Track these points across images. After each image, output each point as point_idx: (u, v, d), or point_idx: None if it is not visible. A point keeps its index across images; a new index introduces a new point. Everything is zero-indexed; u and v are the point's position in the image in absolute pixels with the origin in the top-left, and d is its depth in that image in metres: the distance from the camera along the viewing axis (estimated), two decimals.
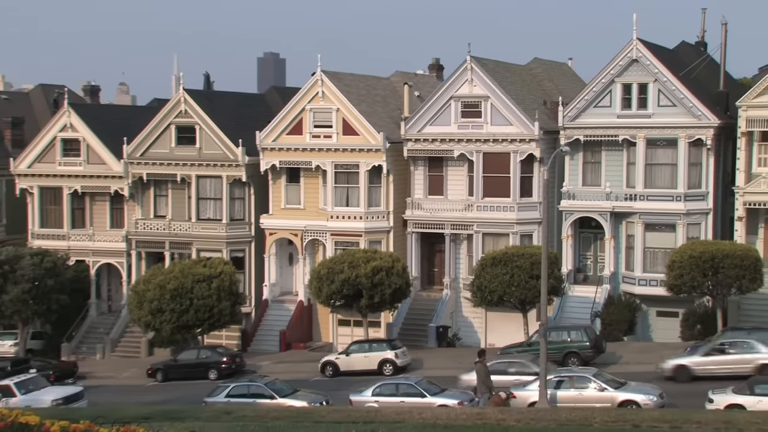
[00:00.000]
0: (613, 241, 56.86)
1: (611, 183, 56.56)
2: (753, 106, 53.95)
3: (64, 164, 67.07)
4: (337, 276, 53.30)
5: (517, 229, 57.55)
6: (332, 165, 60.47)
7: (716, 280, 49.82)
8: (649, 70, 55.45)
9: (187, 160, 63.73)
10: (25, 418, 14.30)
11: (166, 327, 54.41)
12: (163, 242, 64.13)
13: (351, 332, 58.43)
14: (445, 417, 29.69)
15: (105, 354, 62.82)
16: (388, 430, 24.12)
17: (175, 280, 54.05)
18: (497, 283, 52.10)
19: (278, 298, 62.75)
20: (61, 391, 46.00)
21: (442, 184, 60.12)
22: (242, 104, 69.20)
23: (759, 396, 35.72)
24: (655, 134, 55.59)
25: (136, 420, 20.96)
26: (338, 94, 60.33)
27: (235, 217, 63.62)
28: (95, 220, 67.38)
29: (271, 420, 26.36)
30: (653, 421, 26.36)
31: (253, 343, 60.68)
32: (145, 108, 79.85)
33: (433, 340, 56.93)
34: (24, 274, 59.72)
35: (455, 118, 58.84)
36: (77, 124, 66.92)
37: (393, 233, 60.34)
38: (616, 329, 54.37)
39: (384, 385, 41.19)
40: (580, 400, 37.06)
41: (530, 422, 26.34)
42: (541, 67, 69.81)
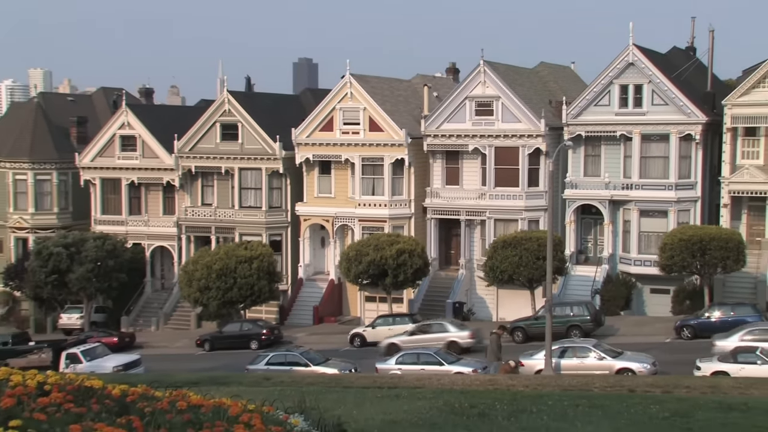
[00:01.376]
0: (611, 225, 56.69)
1: (610, 174, 56.37)
2: (737, 104, 53.77)
3: (122, 158, 67.39)
4: (364, 257, 53.41)
5: (525, 216, 57.45)
6: (360, 158, 60.48)
7: (704, 261, 49.76)
8: (644, 72, 55.23)
9: (230, 154, 63.89)
10: (89, 382, 14.32)
11: (212, 303, 54.75)
12: (209, 227, 64.37)
13: (376, 307, 58.51)
14: (461, 383, 29.67)
15: (159, 326, 63.21)
16: (409, 395, 24.11)
17: (220, 261, 54.29)
18: (507, 263, 52.12)
19: (312, 277, 62.91)
20: (122, 358, 46.41)
21: (458, 175, 60.03)
22: (279, 104, 69.29)
23: (741, 364, 35.78)
24: (649, 130, 55.39)
25: (186, 385, 21.00)
26: (365, 95, 60.29)
27: (273, 205, 63.77)
28: (150, 207, 67.73)
29: (306, 385, 26.39)
30: (647, 387, 26.26)
31: (289, 317, 60.92)
32: (193, 108, 79.98)
33: (449, 315, 56.89)
34: (88, 255, 60.18)
35: (470, 116, 58.73)
36: (134, 122, 67.23)
37: (414, 219, 60.35)
38: (613, 305, 54.32)
39: (406, 355, 41.21)
40: (581, 368, 37.05)
41: (537, 388, 26.29)
42: (546, 70, 69.62)
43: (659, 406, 21.24)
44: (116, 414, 12.75)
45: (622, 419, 19.69)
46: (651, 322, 52.01)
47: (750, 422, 19.38)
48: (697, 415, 20.04)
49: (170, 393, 14.33)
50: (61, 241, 61.78)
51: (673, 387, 26.26)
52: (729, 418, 19.84)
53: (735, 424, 19.10)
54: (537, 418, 19.46)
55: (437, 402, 21.94)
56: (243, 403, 14.46)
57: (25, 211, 71.94)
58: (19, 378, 13.87)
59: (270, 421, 13.44)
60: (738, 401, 22.49)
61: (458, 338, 47.07)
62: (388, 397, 23.57)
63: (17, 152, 72.32)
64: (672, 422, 19.38)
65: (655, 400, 22.48)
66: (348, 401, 21.55)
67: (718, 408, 21.19)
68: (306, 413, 14.93)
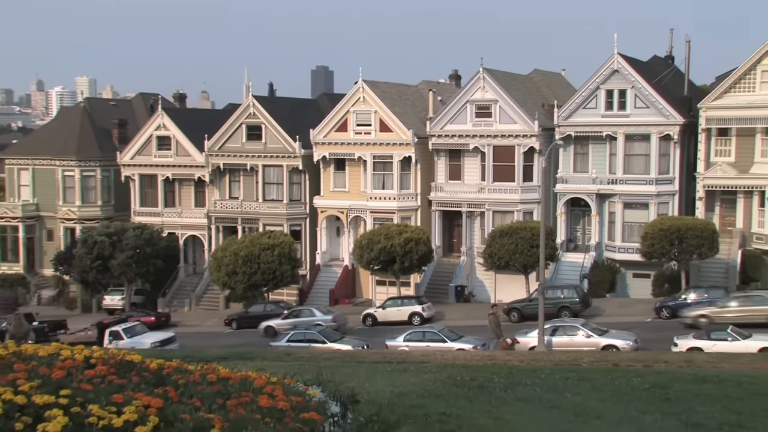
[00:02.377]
0: (598, 217, 56.63)
1: (596, 170, 56.30)
2: (711, 107, 53.66)
3: (159, 156, 67.56)
4: (375, 245, 53.42)
5: (521, 208, 57.42)
6: (371, 156, 60.51)
7: (681, 248, 49.69)
8: (627, 78, 55.10)
9: (255, 152, 63.97)
10: (130, 357, 14.39)
11: (239, 286, 54.83)
12: (236, 218, 64.49)
13: (386, 290, 58.56)
14: (462, 358, 29.73)
15: (191, 307, 63.41)
16: (416, 369, 24.15)
17: (246, 249, 54.38)
18: (504, 251, 52.09)
19: (328, 263, 63.00)
20: (158, 335, 46.54)
21: (460, 172, 60.00)
22: (298, 107, 69.31)
23: (714, 340, 35.85)
24: (632, 131, 55.31)
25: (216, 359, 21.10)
26: (376, 99, 60.27)
27: (293, 198, 63.83)
28: (183, 200, 67.92)
29: (323, 360, 26.46)
30: (629, 361, 26.27)
31: (308, 299, 60.94)
32: (221, 111, 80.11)
33: (452, 297, 56.98)
34: (128, 243, 60.38)
35: (470, 118, 58.67)
36: (168, 124, 67.37)
37: (420, 211, 60.36)
38: (600, 288, 54.26)
39: (413, 333, 41.28)
40: (571, 345, 37.10)
41: (531, 363, 26.33)
42: (539, 76, 69.49)
43: (640, 379, 21.25)
44: (153, 385, 12.83)
45: (608, 391, 19.71)
46: (633, 303, 51.94)
47: (722, 392, 19.38)
48: (674, 387, 20.06)
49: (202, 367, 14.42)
50: (104, 231, 62.03)
51: (653, 362, 26.26)
52: (703, 389, 19.85)
53: (708, 395, 19.11)
54: (531, 390, 19.49)
55: (441, 375, 21.98)
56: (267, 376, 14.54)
57: (73, 204, 72.27)
58: (68, 352, 13.97)
59: (291, 392, 13.51)
60: (711, 374, 22.50)
61: (322, 321, 48.08)
62: (397, 371, 23.62)
63: (66, 151, 72.66)
64: (652, 393, 19.40)
65: (637, 374, 22.49)
66: (360, 375, 21.60)
67: (693, 380, 21.20)
68: (323, 385, 14.98)
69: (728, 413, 17.12)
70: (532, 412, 16.79)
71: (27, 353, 13.81)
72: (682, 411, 17.40)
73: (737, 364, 25.60)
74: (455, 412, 15.75)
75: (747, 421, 16.47)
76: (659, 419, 16.53)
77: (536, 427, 14.94)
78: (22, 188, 74.68)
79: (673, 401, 18.49)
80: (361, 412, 13.82)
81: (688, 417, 16.79)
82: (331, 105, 65.72)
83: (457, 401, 17.55)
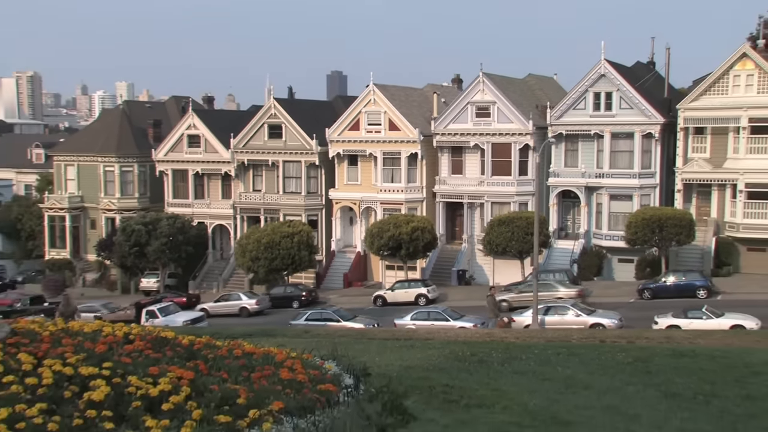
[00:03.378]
0: (587, 207, 56.54)
1: (585, 165, 56.16)
2: (688, 108, 53.51)
3: (189, 153, 67.66)
4: (384, 233, 53.46)
5: (516, 199, 57.33)
6: (381, 152, 60.47)
7: (661, 236, 49.64)
8: (613, 82, 54.92)
9: (276, 149, 64.00)
10: (164, 334, 14.48)
11: (261, 270, 54.97)
12: (259, 209, 64.59)
13: (395, 274, 58.57)
14: (463, 335, 29.75)
15: (219, 289, 63.51)
16: (422, 345, 24.19)
17: (268, 236, 54.50)
18: (502, 238, 52.08)
19: (342, 249, 63.06)
20: (189, 314, 46.77)
21: (462, 166, 59.92)
22: (315, 108, 69.31)
23: (690, 319, 35.89)
24: (618, 129, 55.14)
25: (241, 336, 21.17)
26: (385, 101, 60.20)
27: (310, 191, 63.88)
28: (211, 193, 68.01)
29: (338, 337, 26.52)
30: (615, 338, 26.25)
31: (324, 282, 61.11)
32: (246, 112, 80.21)
33: (454, 280, 57.01)
34: (162, 231, 60.60)
35: (471, 117, 58.57)
36: (198, 124, 67.44)
37: (425, 202, 60.31)
38: (588, 272, 54.23)
39: (419, 312, 41.32)
40: (562, 323, 37.08)
41: (525, 339, 26.33)
42: (534, 80, 69.28)
43: (624, 354, 21.25)
44: (185, 359, 12.91)
45: (595, 364, 19.72)
46: (618, 285, 51.86)
47: (697, 366, 19.38)
48: (654, 361, 20.06)
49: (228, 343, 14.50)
50: (141, 220, 62.25)
51: (636, 338, 26.25)
52: (680, 363, 19.85)
53: (685, 368, 19.12)
54: (526, 364, 19.52)
55: (444, 351, 22.02)
56: (287, 352, 14.60)
57: (113, 196, 72.51)
58: (109, 329, 14.06)
59: (309, 366, 13.57)
60: (687, 349, 22.48)
61: (247, 305, 50.95)
62: (405, 347, 23.67)
63: (107, 149, 72.92)
64: (635, 366, 19.40)
65: (621, 349, 22.49)
66: (371, 350, 21.65)
67: (671, 355, 21.19)
68: (337, 360, 15.04)
69: (702, 384, 17.14)
70: (527, 384, 16.83)
71: (73, 330, 13.92)
72: (662, 382, 17.43)
73: (711, 340, 25.57)
74: (457, 384, 15.79)
75: (719, 390, 16.50)
76: (641, 390, 16.56)
77: (530, 397, 14.97)
78: (68, 182, 74.93)
79: (654, 374, 18.50)
80: (372, 383, 13.87)
81: (667, 388, 16.82)
82: (345, 106, 65.71)
83: (459, 374, 17.60)
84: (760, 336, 27.87)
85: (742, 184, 52.14)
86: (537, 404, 14.21)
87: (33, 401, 10.22)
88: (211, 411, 10.62)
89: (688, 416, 14.05)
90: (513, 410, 13.55)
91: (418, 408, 13.01)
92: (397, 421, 12.01)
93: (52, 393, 10.64)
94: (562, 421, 12.86)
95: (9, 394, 10.25)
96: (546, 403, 14.44)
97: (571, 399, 15.14)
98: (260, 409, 10.82)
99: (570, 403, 14.71)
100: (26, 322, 14.56)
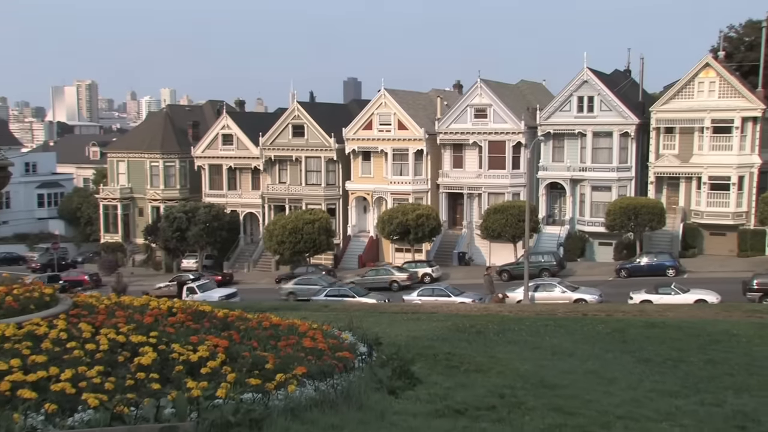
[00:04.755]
0: (571, 197, 56.33)
1: (570, 160, 55.94)
2: (660, 111, 53.35)
3: (223, 150, 67.65)
4: (394, 220, 53.48)
5: (510, 190, 57.16)
6: (391, 149, 60.35)
7: (636, 222, 49.61)
8: (594, 88, 54.67)
9: (298, 146, 63.97)
10: (202, 307, 14.56)
11: (286, 252, 55.00)
12: (284, 198, 64.62)
13: (403, 256, 58.50)
14: (463, 309, 29.82)
15: (249, 269, 63.68)
16: (427, 318, 24.26)
17: (292, 223, 54.53)
18: (497, 224, 52.01)
19: (357, 234, 63.05)
20: (224, 291, 46.76)
21: (462, 161, 59.69)
22: (333, 111, 69.17)
23: (661, 294, 35.88)
24: (598, 129, 54.89)
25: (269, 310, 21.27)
26: (395, 104, 60.04)
27: (329, 183, 63.82)
28: (242, 184, 68.03)
29: (354, 311, 26.62)
30: (595, 311, 26.29)
31: (341, 263, 61.14)
32: (272, 113, 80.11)
33: (455, 261, 57.00)
34: (200, 218, 60.74)
35: (470, 118, 58.36)
36: (231, 124, 67.42)
37: (430, 193, 60.20)
38: (572, 254, 54.14)
39: (425, 289, 41.45)
40: (549, 299, 37.11)
41: (518, 313, 26.38)
42: (525, 85, 68.95)
43: (604, 325, 21.27)
44: (221, 329, 13.01)
45: (578, 334, 19.74)
46: (598, 266, 51.79)
47: (666, 335, 19.42)
48: (629, 331, 20.08)
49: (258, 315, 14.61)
50: (181, 209, 62.38)
51: (614, 311, 26.26)
52: (651, 333, 19.88)
53: (656, 337, 19.15)
54: (518, 334, 19.56)
55: (447, 323, 22.08)
56: (309, 323, 14.66)
57: (158, 188, 72.75)
58: (155, 303, 14.18)
59: (328, 336, 13.65)
60: (658, 321, 22.50)
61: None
62: (412, 320, 23.74)
63: (152, 147, 73.10)
64: (613, 336, 19.43)
65: (601, 321, 22.51)
66: (383, 323, 21.72)
67: (644, 326, 21.21)
68: (353, 330, 15.11)
69: (671, 350, 17.19)
70: (519, 352, 16.86)
71: (125, 303, 14.05)
72: (636, 349, 17.46)
73: (678, 313, 25.58)
74: (458, 352, 15.84)
75: (685, 356, 16.57)
76: (618, 356, 16.59)
77: (521, 363, 15.00)
78: (119, 176, 75.10)
79: (629, 342, 18.52)
80: (383, 351, 13.94)
81: (641, 354, 16.86)
82: (359, 108, 65.56)
83: (459, 343, 17.65)
84: (720, 309, 27.93)
85: (705, 177, 52.05)
86: (527, 369, 14.26)
87: (92, 364, 10.36)
88: (243, 375, 10.71)
89: (658, 378, 14.11)
90: (506, 375, 13.60)
91: (423, 373, 13.08)
92: (405, 384, 12.07)
93: (107, 357, 10.76)
94: (550, 384, 12.91)
95: (72, 358, 10.45)
96: (535, 368, 14.49)
97: (557, 365, 15.18)
98: (286, 373, 10.90)
99: (556, 368, 14.75)
100: (85, 297, 14.70)
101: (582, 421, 10.42)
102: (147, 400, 9.69)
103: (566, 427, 10.19)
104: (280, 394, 10.36)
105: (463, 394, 11.83)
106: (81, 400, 9.54)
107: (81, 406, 9.43)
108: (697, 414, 11.15)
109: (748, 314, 25.15)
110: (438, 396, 11.64)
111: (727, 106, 51.20)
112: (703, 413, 11.20)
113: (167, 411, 9.46)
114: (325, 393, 10.67)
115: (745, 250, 50.78)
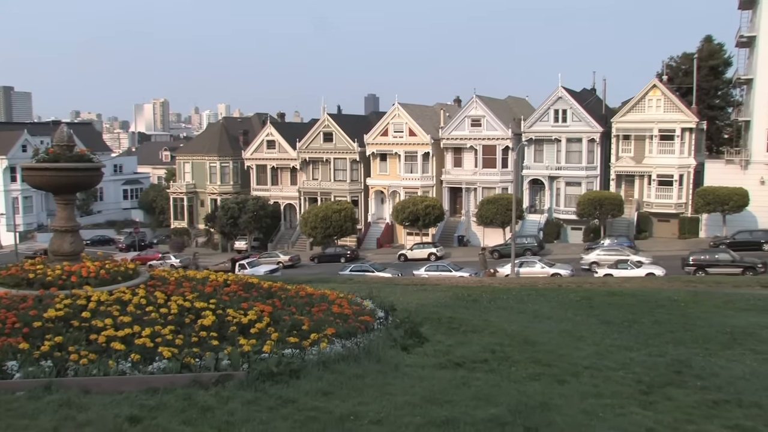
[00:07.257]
0: (549, 191, 56.00)
1: (548, 161, 55.59)
2: (619, 122, 53.05)
3: (267, 153, 67.66)
4: (406, 209, 53.43)
5: (500, 185, 56.87)
6: (403, 152, 60.18)
7: (601, 211, 49.53)
8: (567, 102, 54.30)
9: (328, 150, 63.95)
10: (251, 280, 14.64)
11: (318, 236, 55.16)
12: (316, 192, 64.67)
13: (413, 238, 58.49)
14: (462, 282, 29.83)
15: (288, 249, 63.92)
16: (432, 289, 24.29)
17: (323, 212, 54.68)
18: (489, 213, 51.77)
19: (376, 221, 62.99)
20: (268, 267, 47.01)
21: (461, 162, 59.42)
22: (356, 121, 68.98)
23: (620, 269, 35.65)
24: (571, 136, 54.53)
25: (305, 282, 21.40)
26: (406, 115, 59.85)
27: (353, 179, 63.69)
28: (282, 181, 68.03)
29: (373, 283, 26.70)
30: (568, 283, 26.20)
31: (363, 244, 61.07)
32: (307, 123, 79.97)
33: (456, 243, 56.89)
34: (249, 208, 60.98)
35: (467, 127, 58.08)
36: (273, 132, 67.43)
37: (435, 187, 60.00)
38: (550, 237, 53.80)
39: (430, 266, 41.47)
40: (531, 273, 37.01)
41: (506, 285, 26.34)
42: (512, 100, 68.39)
43: (575, 294, 21.20)
44: (266, 297, 13.11)
45: (555, 302, 19.69)
46: (571, 247, 51.43)
47: (624, 302, 19.36)
48: (595, 299, 20.01)
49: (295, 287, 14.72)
50: (234, 200, 62.69)
51: (582, 283, 26.16)
52: (612, 300, 19.80)
53: (616, 303, 19.10)
54: (506, 302, 19.54)
55: (449, 293, 22.09)
56: (337, 293, 14.73)
57: (215, 184, 73.06)
58: (213, 276, 14.30)
59: (352, 303, 13.72)
60: (618, 290, 22.39)
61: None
62: (420, 290, 23.77)
63: (211, 151, 73.37)
64: (581, 303, 19.37)
65: (572, 291, 22.43)
66: (397, 292, 21.77)
67: (607, 294, 21.12)
68: (373, 299, 15.18)
69: (627, 314, 17.17)
70: (507, 316, 16.87)
71: (189, 276, 14.18)
72: (600, 313, 17.42)
73: (633, 284, 25.44)
74: (457, 316, 15.88)
75: (637, 318, 16.61)
76: (585, 319, 16.57)
77: (509, 325, 15.02)
78: (185, 174, 75.44)
79: (594, 307, 18.47)
80: (397, 316, 14.01)
81: (603, 317, 16.84)
82: (377, 119, 65.43)
83: (459, 309, 17.68)
84: (665, 280, 27.89)
85: (654, 175, 51.99)
86: (514, 330, 14.29)
87: (165, 324, 10.54)
88: (284, 334, 10.83)
89: (617, 336, 14.16)
90: (497, 334, 13.64)
91: (429, 333, 13.14)
92: (415, 342, 12.15)
93: (177, 319, 10.91)
94: (531, 341, 12.95)
95: (150, 319, 10.68)
96: (520, 329, 14.52)
97: (538, 326, 15.19)
98: (318, 333, 11.00)
99: (537, 329, 14.77)
100: (159, 271, 14.88)
101: (556, 371, 10.50)
102: (208, 354, 9.85)
103: (544, 375, 10.26)
104: (314, 350, 10.47)
105: (461, 350, 11.89)
106: (158, 352, 9.75)
107: (158, 356, 9.64)
108: (645, 363, 11.39)
109: (685, 284, 25.45)
110: (441, 352, 11.71)
111: (670, 119, 51.23)
112: (650, 362, 11.45)
113: (224, 362, 9.64)
114: (350, 349, 10.78)
115: (684, 233, 50.85)
